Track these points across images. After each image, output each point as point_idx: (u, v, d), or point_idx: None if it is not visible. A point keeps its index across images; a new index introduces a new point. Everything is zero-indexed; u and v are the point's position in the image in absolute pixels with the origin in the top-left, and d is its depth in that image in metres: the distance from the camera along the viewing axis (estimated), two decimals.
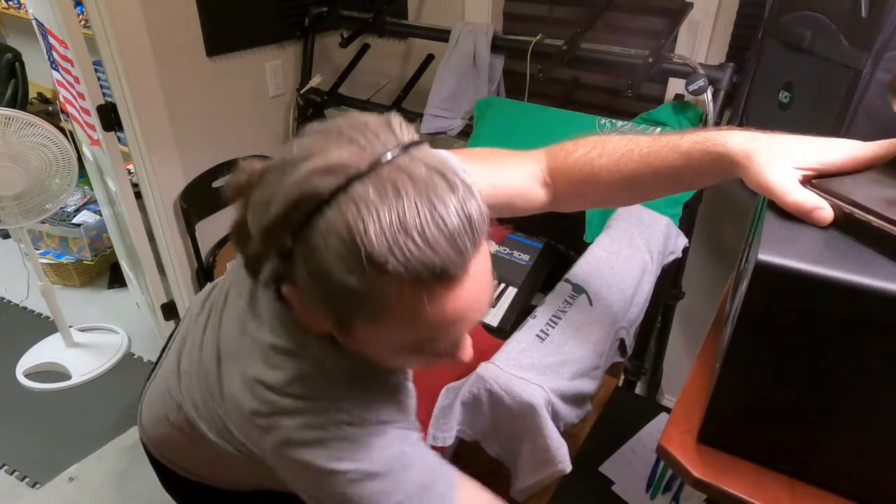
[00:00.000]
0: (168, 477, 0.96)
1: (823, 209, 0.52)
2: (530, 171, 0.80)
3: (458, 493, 0.63)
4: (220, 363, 0.71)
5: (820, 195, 0.53)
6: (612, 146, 0.74)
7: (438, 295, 0.50)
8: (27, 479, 1.95)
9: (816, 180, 0.56)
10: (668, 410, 1.21)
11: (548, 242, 1.78)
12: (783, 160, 0.57)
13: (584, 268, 1.02)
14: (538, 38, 1.65)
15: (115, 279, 2.87)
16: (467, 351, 0.60)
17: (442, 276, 0.49)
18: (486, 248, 0.55)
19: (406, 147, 0.51)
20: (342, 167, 0.48)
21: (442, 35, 1.85)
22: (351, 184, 0.48)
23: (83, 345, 2.44)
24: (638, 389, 1.87)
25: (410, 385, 0.75)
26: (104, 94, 1.76)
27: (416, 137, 0.54)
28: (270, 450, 0.64)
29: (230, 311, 0.73)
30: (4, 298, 2.79)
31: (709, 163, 0.65)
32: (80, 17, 1.88)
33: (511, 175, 0.78)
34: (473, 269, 0.52)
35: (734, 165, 0.61)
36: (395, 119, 0.54)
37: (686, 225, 1.49)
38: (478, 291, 0.54)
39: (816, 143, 0.59)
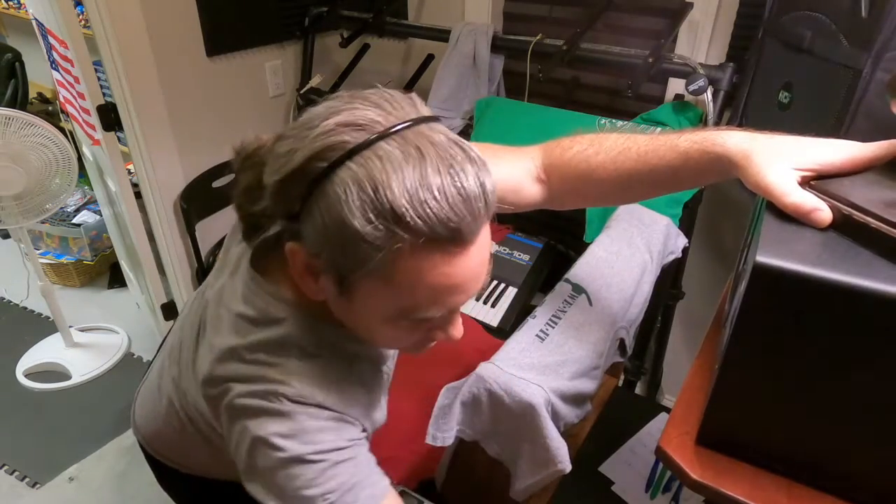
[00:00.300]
0: (164, 474, 0.97)
1: (822, 210, 0.52)
2: (524, 167, 0.79)
3: (385, 501, 0.62)
4: (199, 337, 0.72)
5: (818, 196, 0.53)
6: (610, 144, 0.74)
7: (448, 256, 0.51)
8: (27, 479, 1.96)
9: (815, 182, 0.56)
10: (667, 410, 1.21)
11: (548, 242, 1.78)
12: (782, 161, 0.57)
13: (584, 268, 1.02)
14: (538, 38, 1.65)
15: (115, 279, 2.87)
16: (459, 328, 0.60)
17: (455, 237, 0.51)
18: (488, 230, 0.57)
19: (426, 119, 0.54)
20: (370, 124, 0.51)
21: (442, 35, 1.85)
22: (377, 140, 0.50)
23: (83, 345, 2.45)
24: (638, 389, 1.87)
25: (379, 387, 0.74)
26: (104, 94, 1.76)
27: (435, 115, 0.56)
28: (223, 417, 0.64)
29: (215, 287, 0.74)
30: (4, 298, 2.79)
31: (707, 163, 0.64)
32: (80, 17, 1.88)
33: (503, 170, 0.78)
34: (480, 239, 0.54)
35: (733, 166, 0.61)
36: (416, 97, 0.56)
37: (686, 225, 1.49)
38: (480, 263, 0.55)
39: (815, 143, 0.58)
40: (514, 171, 0.79)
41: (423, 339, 0.62)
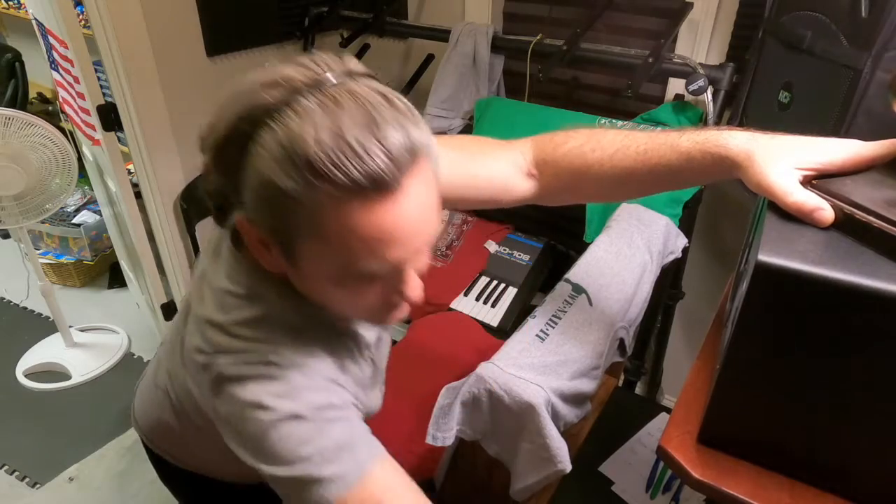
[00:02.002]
0: (166, 470, 0.97)
1: (824, 210, 0.52)
2: (513, 162, 0.78)
3: (376, 466, 0.60)
4: (186, 317, 0.71)
5: (820, 196, 0.53)
6: (607, 140, 0.72)
7: (372, 205, 0.50)
8: (27, 479, 1.96)
9: (817, 181, 0.56)
10: (668, 410, 1.21)
11: (548, 242, 1.78)
12: (783, 161, 0.57)
13: (584, 268, 1.02)
14: (538, 38, 1.66)
15: (115, 279, 2.87)
16: (414, 288, 0.58)
17: (375, 186, 0.49)
18: (432, 181, 0.56)
19: (354, 74, 0.53)
20: (288, 81, 0.51)
21: (442, 35, 1.85)
22: (295, 96, 0.50)
23: (83, 345, 2.45)
24: (638, 389, 1.87)
25: (370, 370, 0.74)
26: (104, 94, 1.76)
27: (369, 72, 0.55)
28: (208, 391, 0.64)
29: (200, 269, 0.74)
30: (4, 298, 2.79)
31: (709, 163, 0.64)
32: (80, 17, 1.88)
33: (491, 166, 0.77)
34: (411, 190, 0.52)
35: (735, 167, 0.61)
36: (351, 57, 0.56)
37: (686, 225, 1.49)
38: (417, 215, 0.53)
39: (816, 143, 0.58)
40: (502, 168, 0.78)
41: (382, 303, 0.60)
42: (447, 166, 0.72)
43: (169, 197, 1.94)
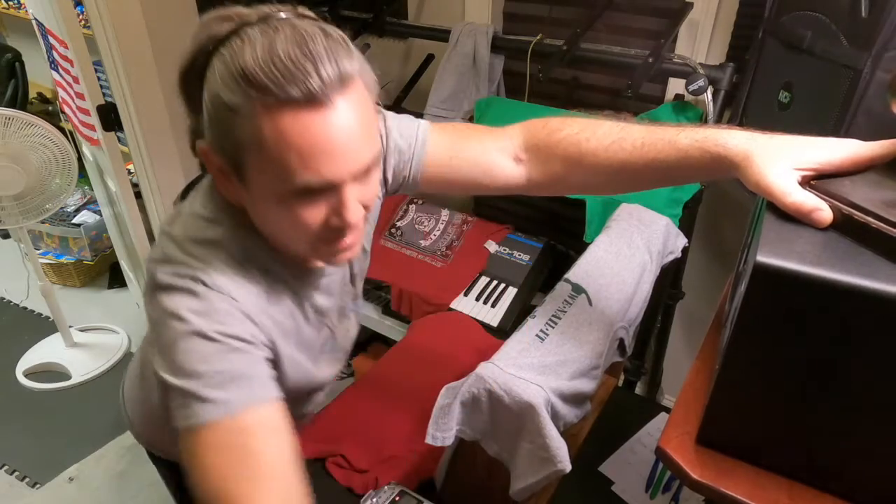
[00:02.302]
0: (164, 469, 0.97)
1: (823, 210, 0.52)
2: (498, 146, 0.78)
3: (260, 408, 0.61)
4: None
5: (819, 196, 0.53)
6: (603, 131, 0.72)
7: (302, 115, 0.54)
8: (27, 479, 1.96)
9: (815, 181, 0.56)
10: (667, 410, 1.21)
11: (548, 242, 1.78)
12: (782, 161, 0.57)
13: (584, 268, 1.02)
14: (538, 38, 1.66)
15: (115, 279, 2.87)
16: (352, 210, 0.60)
17: (305, 98, 0.54)
18: (366, 107, 0.60)
19: (302, 16, 0.59)
20: (240, 15, 0.57)
21: (442, 35, 1.85)
22: (244, 28, 0.56)
23: (83, 345, 2.45)
24: (638, 389, 1.87)
25: (311, 317, 0.75)
26: (104, 94, 1.76)
27: (319, 17, 0.61)
28: (146, 297, 0.67)
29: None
30: (4, 298, 2.79)
31: (707, 162, 0.64)
32: (80, 17, 1.88)
33: (473, 148, 0.78)
34: (341, 107, 0.56)
35: (733, 167, 0.61)
36: (304, 8, 0.61)
37: (686, 225, 1.49)
38: (347, 132, 0.57)
39: (814, 142, 0.58)
40: (485, 150, 0.78)
41: (324, 229, 0.62)
42: (432, 147, 0.78)
43: (169, 197, 1.94)
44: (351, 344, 0.91)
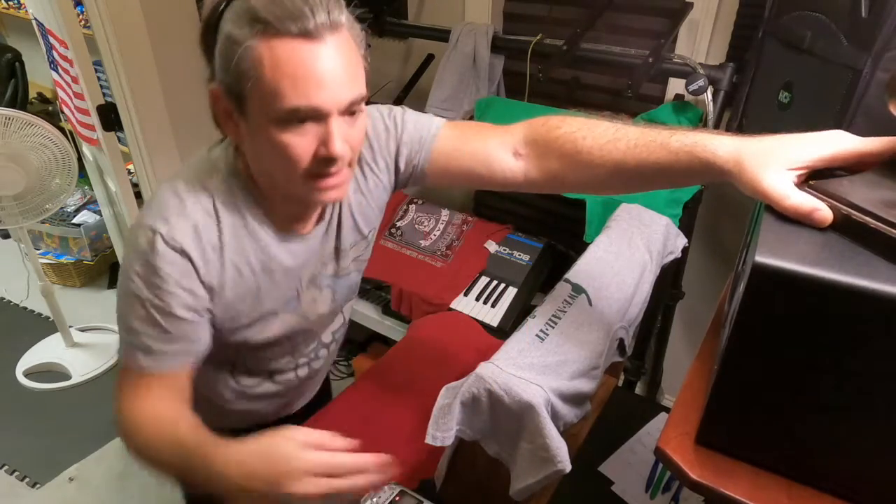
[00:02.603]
0: None
1: (821, 210, 0.52)
2: (499, 140, 0.81)
3: (168, 375, 0.76)
4: None
5: (818, 196, 0.53)
6: (600, 131, 0.74)
7: (298, 46, 0.63)
8: (27, 479, 1.96)
9: (814, 181, 0.56)
10: (667, 410, 1.21)
11: (548, 242, 1.78)
12: (774, 164, 0.57)
13: (584, 268, 1.02)
14: (538, 38, 1.66)
15: (115, 279, 2.86)
16: (337, 141, 0.67)
17: (300, 32, 0.63)
18: (354, 52, 0.69)
19: None
20: None
21: (442, 35, 1.85)
22: None
23: (83, 345, 2.45)
24: (638, 389, 1.87)
25: (267, 271, 0.81)
26: (104, 94, 1.76)
27: None
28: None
29: None
30: (4, 298, 2.79)
31: (697, 167, 0.65)
32: (80, 17, 1.88)
33: (476, 141, 0.83)
34: (331, 45, 0.65)
35: (724, 174, 0.62)
36: None
37: (686, 225, 1.49)
38: (336, 66, 0.66)
39: (802, 140, 0.58)
40: (486, 145, 0.82)
41: (312, 159, 0.68)
42: (441, 139, 0.84)
43: None
44: (318, 316, 0.93)
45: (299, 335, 0.93)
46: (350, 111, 0.69)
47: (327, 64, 0.65)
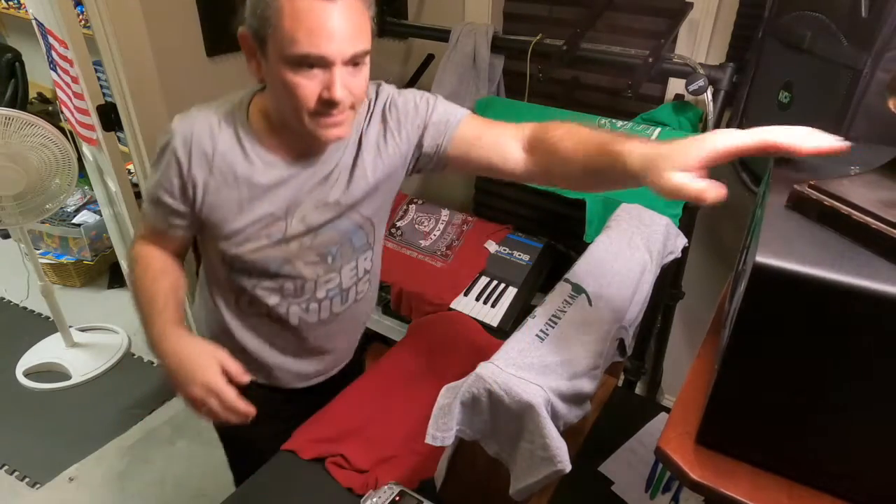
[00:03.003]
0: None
1: (715, 186, 0.58)
2: (513, 134, 0.93)
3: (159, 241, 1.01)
4: None
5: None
6: (580, 136, 0.83)
7: (316, 4, 0.75)
8: (27, 479, 1.96)
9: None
10: (667, 410, 1.21)
11: (548, 242, 1.78)
12: (669, 168, 0.64)
13: (584, 267, 1.02)
14: (538, 38, 1.66)
15: (115, 279, 2.87)
16: (338, 86, 0.79)
17: None
18: (364, 16, 0.80)
19: None
20: None
21: (442, 35, 1.85)
22: None
23: (83, 345, 2.45)
24: (638, 389, 1.87)
25: (250, 189, 0.93)
26: (104, 94, 1.76)
27: None
28: None
29: None
30: (4, 298, 2.79)
31: (621, 173, 0.73)
32: (80, 17, 1.88)
33: (495, 133, 0.94)
34: (344, 4, 0.76)
35: (641, 180, 0.70)
36: None
37: (686, 225, 1.49)
38: (345, 24, 0.77)
39: (686, 146, 0.64)
40: (502, 136, 0.93)
41: (317, 100, 0.80)
42: (464, 126, 0.96)
43: None
44: (300, 251, 1.00)
45: (283, 268, 1.00)
46: (354, 62, 0.81)
47: (337, 21, 0.76)
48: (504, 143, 0.92)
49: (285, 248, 0.98)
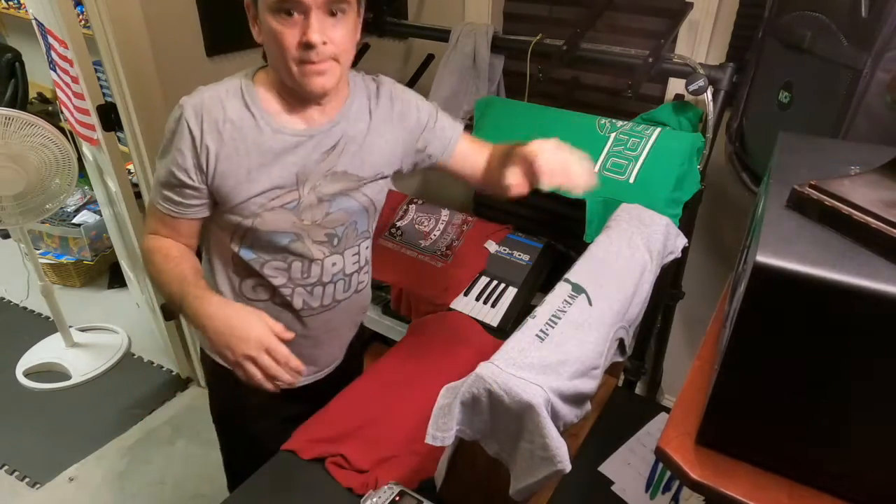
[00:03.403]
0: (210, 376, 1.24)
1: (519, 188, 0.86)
2: (484, 153, 1.12)
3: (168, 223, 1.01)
4: None
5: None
6: (491, 151, 1.11)
7: None
8: (27, 479, 1.96)
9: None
10: (667, 410, 1.21)
11: (548, 242, 1.78)
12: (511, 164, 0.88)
13: (584, 267, 1.02)
14: (538, 38, 1.65)
15: (115, 279, 2.87)
16: (314, 30, 0.86)
17: None
18: None
19: None
20: None
21: (442, 35, 1.85)
22: None
23: (83, 345, 2.45)
24: (638, 389, 1.87)
25: (260, 153, 0.97)
26: (104, 94, 1.76)
27: None
28: None
29: None
30: (4, 298, 2.79)
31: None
32: (80, 17, 1.88)
33: (480, 155, 1.12)
34: None
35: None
36: None
37: (686, 225, 1.49)
38: None
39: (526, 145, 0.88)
40: (483, 156, 1.12)
41: (298, 49, 0.87)
42: (461, 147, 1.13)
43: None
44: (310, 228, 1.03)
45: (294, 244, 1.03)
46: (331, 11, 0.87)
47: None
48: (481, 162, 1.11)
49: (299, 222, 1.01)
